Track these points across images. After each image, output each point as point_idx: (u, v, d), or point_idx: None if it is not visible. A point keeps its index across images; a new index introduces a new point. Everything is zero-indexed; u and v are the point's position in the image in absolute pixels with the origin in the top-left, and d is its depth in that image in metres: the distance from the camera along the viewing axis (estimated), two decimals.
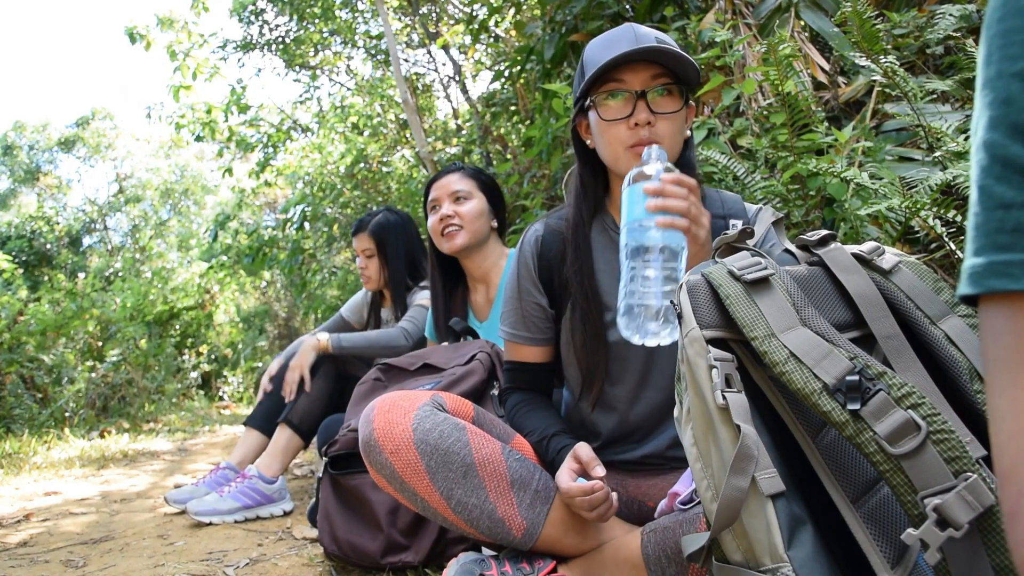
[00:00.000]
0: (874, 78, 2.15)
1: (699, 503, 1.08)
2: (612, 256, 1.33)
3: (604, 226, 1.36)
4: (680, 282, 0.89)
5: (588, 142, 1.33)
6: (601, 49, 1.23)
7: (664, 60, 1.21)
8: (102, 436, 4.53)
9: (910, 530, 0.63)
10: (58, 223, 13.69)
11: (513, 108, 4.24)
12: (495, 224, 2.01)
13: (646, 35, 1.22)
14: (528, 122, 3.90)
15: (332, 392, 2.29)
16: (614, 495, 1.17)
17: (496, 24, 4.91)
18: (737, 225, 1.28)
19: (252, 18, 7.24)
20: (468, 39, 5.71)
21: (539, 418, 1.34)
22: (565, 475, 1.17)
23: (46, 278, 10.84)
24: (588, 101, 1.25)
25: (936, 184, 1.71)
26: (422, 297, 2.38)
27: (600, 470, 1.13)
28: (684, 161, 1.30)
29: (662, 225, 1.03)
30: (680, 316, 0.86)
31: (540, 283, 1.36)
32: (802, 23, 2.59)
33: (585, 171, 1.35)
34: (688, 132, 1.29)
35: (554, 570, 1.23)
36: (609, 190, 1.37)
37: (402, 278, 2.41)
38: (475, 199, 1.96)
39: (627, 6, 3.10)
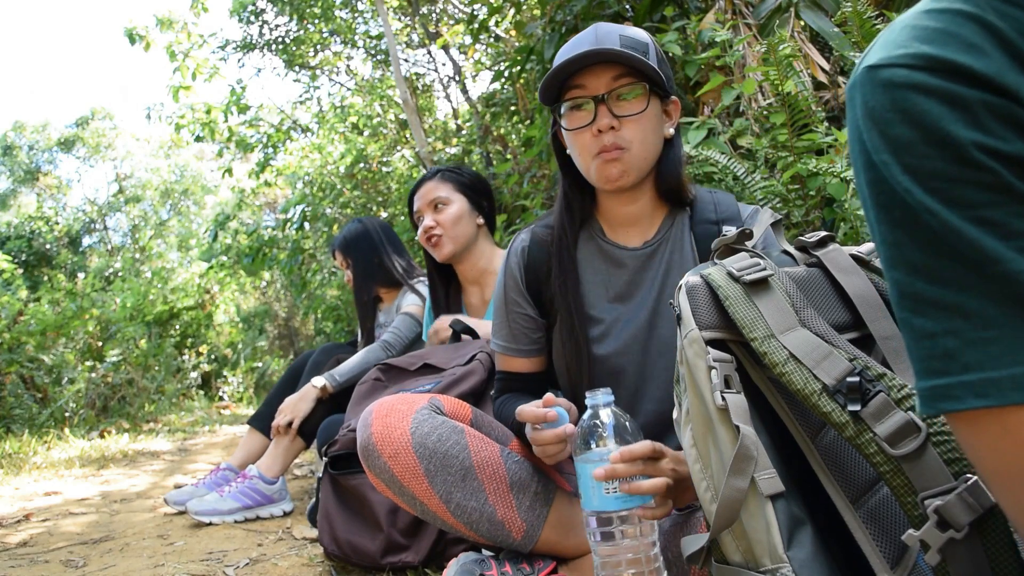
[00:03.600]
0: None
1: (698, 507, 1.07)
2: (600, 266, 1.29)
3: (592, 233, 1.31)
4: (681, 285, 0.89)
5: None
6: (565, 54, 1.18)
7: (623, 59, 1.14)
8: (102, 436, 4.53)
9: (911, 531, 0.63)
10: (58, 223, 13.68)
11: (513, 108, 4.23)
12: (480, 221, 2.01)
13: (607, 35, 1.16)
14: (528, 122, 3.90)
15: (332, 393, 2.29)
16: (570, 427, 1.09)
17: (496, 24, 4.90)
18: (731, 232, 1.25)
19: (252, 18, 7.23)
20: (468, 39, 5.71)
21: (523, 395, 1.31)
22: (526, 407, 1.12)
23: (46, 278, 10.83)
24: (556, 111, 1.22)
25: None
26: (408, 303, 2.39)
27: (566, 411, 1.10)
28: (667, 162, 1.24)
29: (625, 491, 0.97)
30: (679, 318, 0.86)
31: (528, 294, 1.32)
32: (802, 23, 2.59)
33: (567, 181, 1.30)
34: (671, 131, 1.23)
35: (554, 570, 1.24)
36: (596, 199, 1.31)
37: (367, 285, 2.50)
38: (454, 203, 1.96)
39: (627, 6, 3.09)
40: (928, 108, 0.43)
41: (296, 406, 2.19)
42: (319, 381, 2.20)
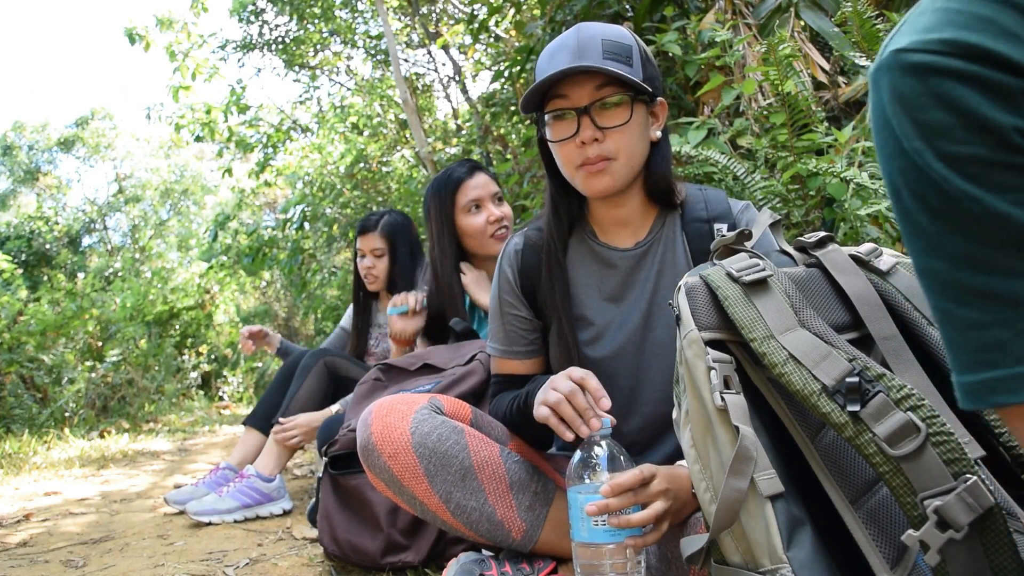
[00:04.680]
0: None
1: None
2: (593, 267, 1.28)
3: (584, 236, 1.30)
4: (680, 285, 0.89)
5: None
6: (546, 60, 1.16)
7: (604, 72, 1.11)
8: (102, 436, 4.53)
9: (911, 531, 0.63)
10: (57, 223, 13.67)
11: (513, 108, 4.23)
12: None
13: (589, 42, 1.13)
14: (528, 122, 3.90)
15: (326, 393, 2.30)
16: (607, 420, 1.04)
17: (496, 24, 4.91)
18: (723, 229, 1.24)
19: (252, 18, 7.23)
20: (468, 39, 5.71)
21: (512, 395, 1.29)
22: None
23: (46, 278, 10.84)
24: (539, 120, 1.21)
25: None
26: None
27: (606, 402, 1.04)
28: (655, 165, 1.22)
29: (615, 525, 0.97)
30: (678, 318, 0.86)
31: (523, 296, 1.31)
32: (802, 23, 2.59)
33: (554, 186, 1.28)
34: (658, 133, 1.22)
35: (554, 571, 1.24)
36: (587, 202, 1.29)
37: (410, 278, 2.38)
38: (505, 202, 1.97)
39: (627, 6, 3.09)
40: (963, 94, 0.41)
41: (311, 431, 2.17)
42: (339, 410, 2.20)
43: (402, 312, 2.02)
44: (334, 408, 2.21)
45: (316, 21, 7.02)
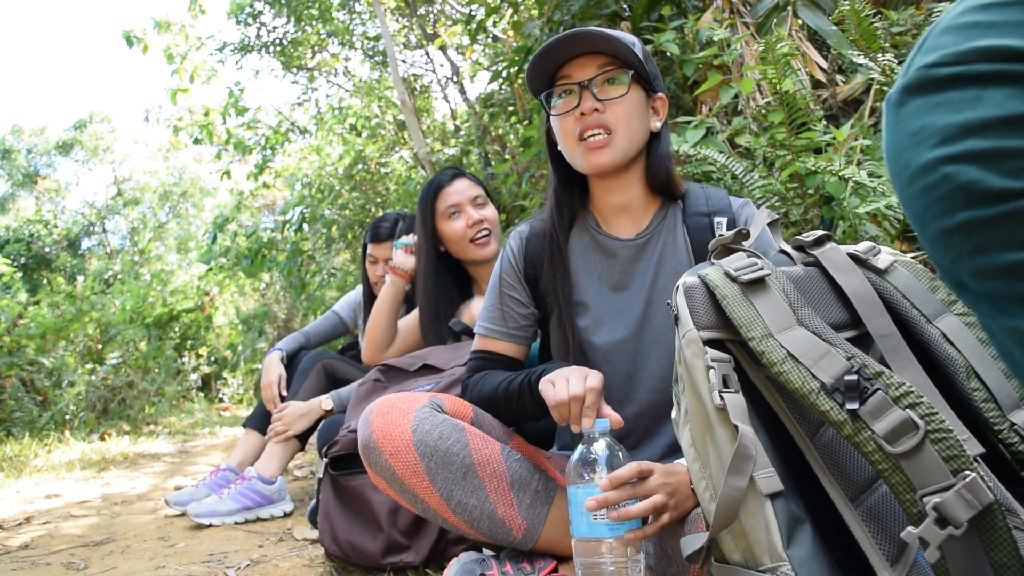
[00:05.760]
0: (872, 76, 2.15)
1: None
2: (594, 256, 1.33)
3: (587, 225, 1.35)
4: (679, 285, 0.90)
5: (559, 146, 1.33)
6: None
7: (607, 49, 1.21)
8: (102, 438, 4.53)
9: (910, 528, 0.63)
10: (56, 226, 13.66)
11: (511, 108, 4.23)
12: None
13: (592, 31, 1.21)
14: (526, 122, 3.90)
15: (323, 393, 2.30)
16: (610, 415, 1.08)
17: (494, 24, 4.90)
18: (722, 223, 1.29)
19: (249, 20, 7.22)
20: (466, 40, 5.70)
21: (506, 374, 1.30)
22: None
23: (45, 281, 10.82)
24: (542, 101, 1.28)
25: None
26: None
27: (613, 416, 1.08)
28: (655, 155, 1.29)
29: (614, 519, 0.98)
30: (677, 318, 0.86)
31: (525, 282, 1.36)
32: (800, 22, 2.59)
33: (557, 177, 1.34)
34: (658, 124, 1.29)
35: (555, 570, 1.24)
36: (588, 191, 1.35)
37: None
38: (490, 205, 1.97)
39: (624, 5, 3.09)
40: (1009, 94, 0.39)
41: (297, 421, 2.19)
42: (328, 403, 2.21)
43: (407, 245, 2.09)
44: (322, 399, 2.21)
45: (314, 23, 7.02)
